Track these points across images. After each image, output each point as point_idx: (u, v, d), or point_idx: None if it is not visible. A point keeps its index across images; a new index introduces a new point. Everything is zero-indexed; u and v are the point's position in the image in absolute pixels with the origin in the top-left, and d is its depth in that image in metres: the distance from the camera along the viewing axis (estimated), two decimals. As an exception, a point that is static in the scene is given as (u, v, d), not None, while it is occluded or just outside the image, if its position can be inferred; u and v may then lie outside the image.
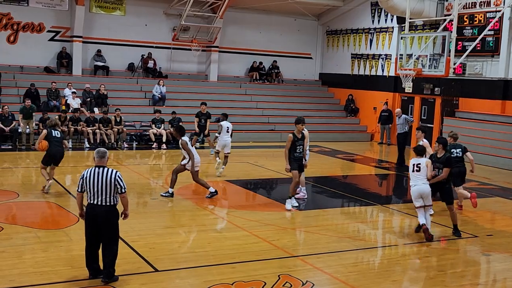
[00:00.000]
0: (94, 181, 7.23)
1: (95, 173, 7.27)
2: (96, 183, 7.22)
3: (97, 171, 7.29)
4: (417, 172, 9.96)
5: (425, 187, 9.90)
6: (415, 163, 10.05)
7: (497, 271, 8.89)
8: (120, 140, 20.42)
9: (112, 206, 7.30)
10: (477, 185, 15.73)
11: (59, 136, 12.57)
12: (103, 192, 7.22)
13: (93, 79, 23.58)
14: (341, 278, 7.94)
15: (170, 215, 11.37)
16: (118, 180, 7.26)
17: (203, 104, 19.40)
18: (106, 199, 7.24)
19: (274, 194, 14.52)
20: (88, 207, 7.36)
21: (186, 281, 7.64)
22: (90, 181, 7.25)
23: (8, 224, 9.89)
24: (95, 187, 7.22)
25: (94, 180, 7.24)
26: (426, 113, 23.43)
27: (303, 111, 26.09)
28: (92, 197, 7.27)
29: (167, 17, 25.93)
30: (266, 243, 9.41)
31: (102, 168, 7.33)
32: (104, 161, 7.42)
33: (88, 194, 7.32)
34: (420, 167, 9.95)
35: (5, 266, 7.80)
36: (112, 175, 7.25)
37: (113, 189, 7.25)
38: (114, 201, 7.32)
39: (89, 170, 7.36)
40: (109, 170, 7.31)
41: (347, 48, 27.73)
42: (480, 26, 20.81)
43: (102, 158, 7.42)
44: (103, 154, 7.47)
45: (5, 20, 22.96)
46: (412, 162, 10.12)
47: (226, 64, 27.40)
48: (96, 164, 7.41)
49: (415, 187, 9.92)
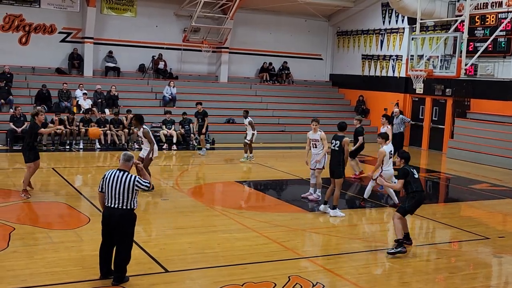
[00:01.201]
0: (113, 184, 7.25)
1: (116, 176, 7.29)
2: (114, 186, 7.23)
3: (118, 174, 7.31)
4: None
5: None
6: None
7: (509, 273, 8.83)
8: (130, 141, 20.49)
9: (128, 210, 7.27)
10: (489, 187, 15.64)
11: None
12: (120, 196, 7.22)
13: (104, 80, 23.68)
14: (352, 279, 7.92)
15: (180, 216, 11.38)
16: (137, 184, 7.27)
17: (198, 104, 19.43)
18: (122, 203, 7.24)
19: (284, 195, 14.51)
20: (105, 209, 7.40)
21: (196, 282, 7.65)
22: (109, 183, 7.27)
23: (20, 224, 9.95)
24: (113, 190, 7.24)
25: (113, 183, 7.26)
26: (437, 114, 23.32)
27: (314, 112, 26.06)
28: (110, 200, 7.29)
29: (177, 18, 26.00)
30: (276, 244, 9.40)
31: (123, 172, 7.33)
32: (127, 165, 7.41)
33: (106, 195, 7.34)
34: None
35: (17, 266, 7.85)
36: (131, 180, 7.25)
37: (130, 194, 7.23)
38: (131, 205, 7.29)
39: (111, 172, 7.38)
40: (128, 175, 7.30)
41: (358, 49, 27.66)
42: (491, 27, 20.68)
43: (126, 162, 7.43)
44: (129, 158, 7.46)
45: (17, 22, 23.12)
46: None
47: (236, 65, 27.42)
48: (119, 166, 7.43)
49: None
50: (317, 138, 12.41)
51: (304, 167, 17.62)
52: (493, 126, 20.21)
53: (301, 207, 12.38)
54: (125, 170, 7.37)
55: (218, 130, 22.57)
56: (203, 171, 16.82)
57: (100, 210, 7.73)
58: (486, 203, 13.68)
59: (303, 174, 16.30)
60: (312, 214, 11.73)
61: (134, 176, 7.34)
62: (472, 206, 13.24)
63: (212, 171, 16.38)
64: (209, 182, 14.82)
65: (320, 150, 12.45)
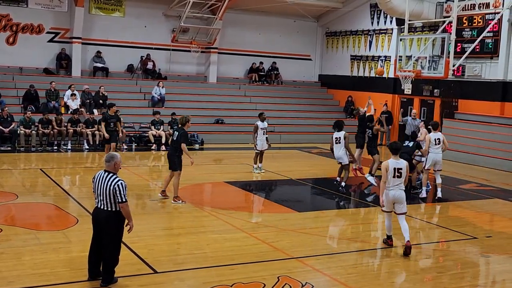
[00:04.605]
0: (99, 184, 7.25)
1: (101, 177, 7.29)
2: (100, 187, 7.22)
3: (103, 175, 7.29)
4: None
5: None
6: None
7: (496, 272, 8.89)
8: (119, 142, 20.36)
9: (112, 212, 7.21)
10: (476, 187, 15.75)
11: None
12: (104, 197, 7.19)
13: (92, 81, 23.57)
14: (341, 279, 7.94)
15: (169, 216, 11.36)
16: (116, 189, 7.11)
17: (113, 106, 16.41)
18: (107, 204, 7.20)
19: (273, 195, 14.52)
20: (93, 210, 7.42)
21: (185, 283, 7.64)
22: (97, 184, 7.29)
23: (7, 225, 9.88)
24: (99, 191, 7.24)
25: (99, 183, 7.26)
26: (426, 115, 23.43)
27: (303, 112, 26.18)
28: (98, 201, 7.30)
29: (166, 19, 25.93)
30: (265, 245, 9.40)
31: (108, 173, 7.29)
32: (109, 166, 7.31)
33: (95, 196, 7.38)
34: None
35: (4, 267, 7.79)
36: (112, 182, 7.15)
37: (113, 196, 7.16)
38: (115, 207, 7.22)
39: (98, 173, 7.38)
40: (112, 177, 7.23)
41: (347, 49, 27.74)
42: (479, 28, 20.83)
43: (106, 163, 7.36)
44: (108, 159, 7.37)
45: (4, 22, 22.94)
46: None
47: (226, 66, 27.40)
48: (104, 167, 7.41)
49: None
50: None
51: (293, 167, 17.71)
52: (480, 126, 20.34)
53: (290, 207, 12.40)
54: (109, 171, 7.31)
55: (207, 131, 22.54)
56: (192, 172, 16.77)
57: (89, 212, 7.70)
58: (473, 203, 13.76)
59: (292, 174, 16.34)
60: (300, 215, 11.74)
61: (118, 179, 7.21)
62: (460, 206, 13.32)
63: (201, 171, 16.36)
64: (198, 182, 14.80)
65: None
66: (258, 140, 16.03)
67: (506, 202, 14.08)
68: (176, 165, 11.95)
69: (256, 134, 16.07)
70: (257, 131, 16.07)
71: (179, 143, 11.83)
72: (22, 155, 18.05)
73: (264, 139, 16.15)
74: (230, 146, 21.36)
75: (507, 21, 20.16)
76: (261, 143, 16.06)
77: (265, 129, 16.22)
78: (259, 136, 16.05)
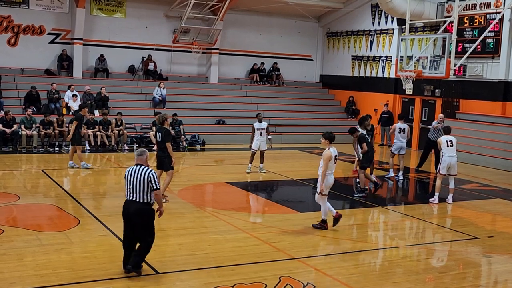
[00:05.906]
0: (131, 178, 7.61)
1: (133, 170, 7.66)
2: (132, 179, 7.58)
3: (135, 168, 7.67)
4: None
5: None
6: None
7: (498, 272, 8.88)
8: (120, 143, 20.42)
9: (145, 203, 7.57)
10: (478, 187, 15.74)
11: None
12: (138, 189, 7.54)
13: (93, 82, 23.59)
14: (342, 280, 7.93)
15: (171, 217, 11.35)
16: (151, 177, 7.54)
17: (86, 107, 16.90)
18: (139, 195, 7.54)
19: (275, 196, 14.52)
20: (124, 203, 7.70)
21: (186, 283, 7.63)
22: (128, 178, 7.64)
23: (9, 226, 9.89)
24: (131, 184, 7.59)
25: (132, 177, 7.61)
26: (427, 115, 23.42)
27: (304, 113, 26.19)
28: (129, 193, 7.63)
29: (167, 20, 25.95)
30: (266, 245, 9.40)
31: (140, 166, 7.67)
32: (141, 159, 7.75)
33: (126, 190, 7.69)
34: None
35: (6, 268, 7.80)
36: (146, 172, 7.56)
37: (146, 186, 7.53)
38: (148, 199, 7.58)
39: (129, 168, 7.76)
40: (145, 168, 7.63)
41: (348, 50, 27.74)
42: (480, 28, 20.82)
43: (139, 156, 7.80)
44: (141, 153, 7.85)
45: (6, 23, 22.98)
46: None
47: (227, 66, 27.42)
48: (135, 162, 7.78)
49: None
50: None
51: (295, 168, 17.71)
52: (482, 126, 20.33)
53: (292, 208, 12.40)
54: (141, 164, 7.70)
55: (209, 131, 22.56)
56: (193, 172, 16.78)
57: (90, 212, 7.70)
58: (475, 203, 13.75)
59: (294, 175, 16.34)
60: (302, 215, 11.74)
61: (150, 169, 7.65)
62: (461, 206, 13.30)
63: (202, 172, 16.35)
64: (200, 183, 14.80)
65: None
66: (254, 140, 16.07)
67: (508, 202, 14.07)
68: (167, 165, 12.05)
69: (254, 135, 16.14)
70: (255, 131, 16.13)
71: (165, 143, 11.93)
72: (23, 156, 18.06)
73: (262, 139, 16.15)
74: (232, 147, 21.36)
75: (508, 21, 20.15)
76: (257, 144, 16.06)
77: (262, 130, 16.21)
78: (256, 137, 16.08)
